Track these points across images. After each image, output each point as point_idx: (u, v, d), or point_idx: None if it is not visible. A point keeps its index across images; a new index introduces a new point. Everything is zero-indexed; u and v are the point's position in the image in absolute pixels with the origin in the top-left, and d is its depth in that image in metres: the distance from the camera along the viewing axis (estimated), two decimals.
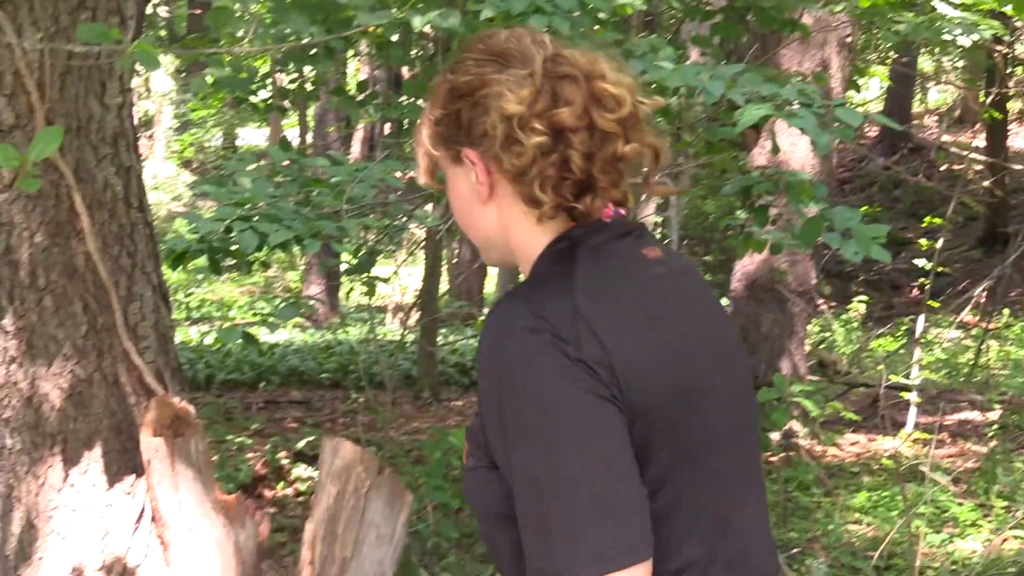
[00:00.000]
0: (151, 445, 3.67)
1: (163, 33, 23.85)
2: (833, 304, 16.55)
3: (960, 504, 7.78)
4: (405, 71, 14.40)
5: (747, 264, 10.52)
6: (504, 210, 2.00)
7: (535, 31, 2.02)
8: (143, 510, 3.73)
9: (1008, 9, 6.88)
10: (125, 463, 3.76)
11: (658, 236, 13.10)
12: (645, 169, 1.99)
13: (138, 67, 2.90)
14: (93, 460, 3.71)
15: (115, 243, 3.78)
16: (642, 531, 1.74)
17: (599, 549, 1.71)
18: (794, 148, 9.50)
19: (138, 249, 3.85)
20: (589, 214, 1.93)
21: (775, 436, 8.98)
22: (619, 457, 1.76)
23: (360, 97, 8.28)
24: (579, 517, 1.71)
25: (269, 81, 8.51)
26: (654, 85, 5.89)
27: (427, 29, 7.78)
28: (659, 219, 13.79)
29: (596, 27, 6.23)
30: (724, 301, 18.11)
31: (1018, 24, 12.41)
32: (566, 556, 1.71)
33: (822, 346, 14.02)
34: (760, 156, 9.66)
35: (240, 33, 6.90)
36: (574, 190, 1.90)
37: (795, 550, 7.06)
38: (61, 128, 2.78)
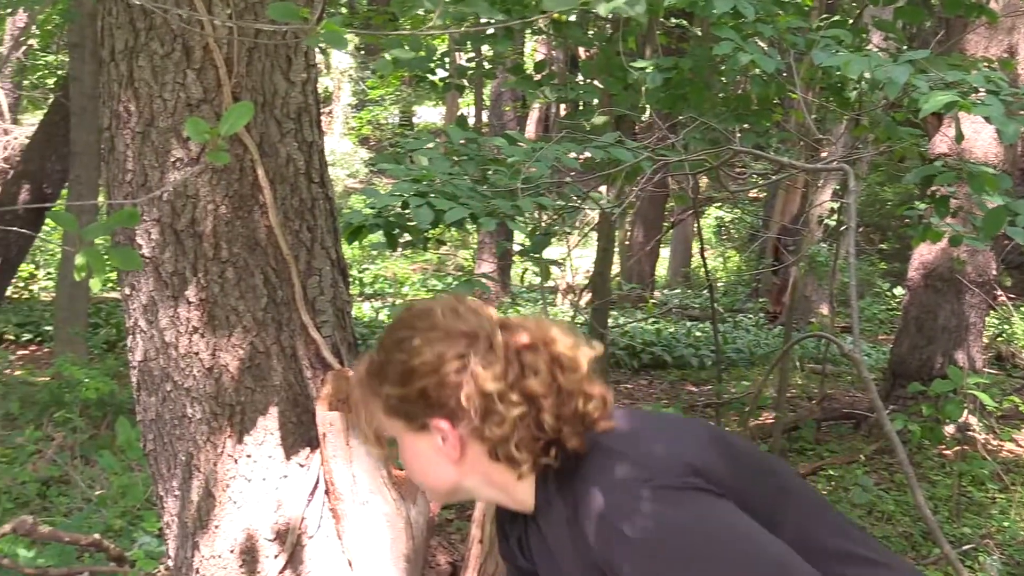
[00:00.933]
0: (326, 419, 3.72)
1: (344, 10, 24.14)
2: (1013, 296, 16.12)
3: None
4: (582, 51, 14.36)
5: (925, 253, 10.29)
6: (477, 465, 2.17)
7: (464, 300, 2.22)
8: (317, 482, 3.77)
9: None
10: (300, 435, 3.81)
11: (834, 222, 12.89)
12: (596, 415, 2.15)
13: (322, 44, 2.92)
14: (269, 431, 3.77)
15: (296, 217, 3.82)
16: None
17: None
18: (977, 136, 9.25)
19: (318, 224, 3.89)
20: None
21: (949, 429, 8.79)
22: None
23: (537, 77, 8.28)
24: None
25: (447, 60, 8.55)
26: (836, 73, 5.79)
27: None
28: (835, 205, 13.57)
29: (778, 12, 6.15)
30: (899, 290, 17.76)
31: None
32: None
33: (1000, 339, 13.68)
34: (941, 143, 9.43)
35: (422, 12, 6.94)
36: (545, 447, 2.11)
37: (968, 546, 6.91)
38: (251, 103, 2.81)
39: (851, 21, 7.70)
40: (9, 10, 6.17)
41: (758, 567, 1.97)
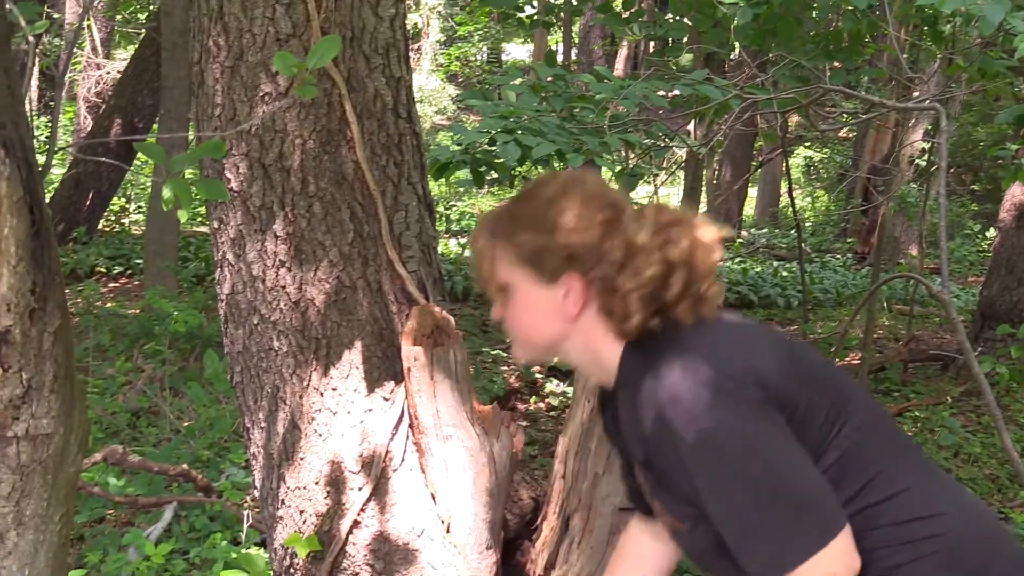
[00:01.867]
0: (411, 353, 3.74)
1: None
2: None
3: None
4: None
5: (1018, 195, 10.15)
6: (585, 326, 2.36)
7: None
8: (402, 416, 3.80)
9: None
10: (385, 370, 3.83)
11: (925, 163, 12.71)
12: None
13: None
14: (355, 365, 3.79)
15: (383, 153, 3.83)
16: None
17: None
18: None
19: (405, 159, 3.90)
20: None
21: None
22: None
23: (626, 14, 8.22)
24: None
25: None
26: (929, 8, 5.69)
27: None
28: (926, 145, 13.37)
29: None
30: (991, 232, 17.48)
31: None
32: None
33: None
34: None
35: None
36: (654, 314, 2.30)
37: None
38: (339, 37, 2.81)
39: None
40: None
41: (778, 499, 2.13)
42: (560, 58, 20.85)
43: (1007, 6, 4.66)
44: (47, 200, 5.39)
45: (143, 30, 15.66)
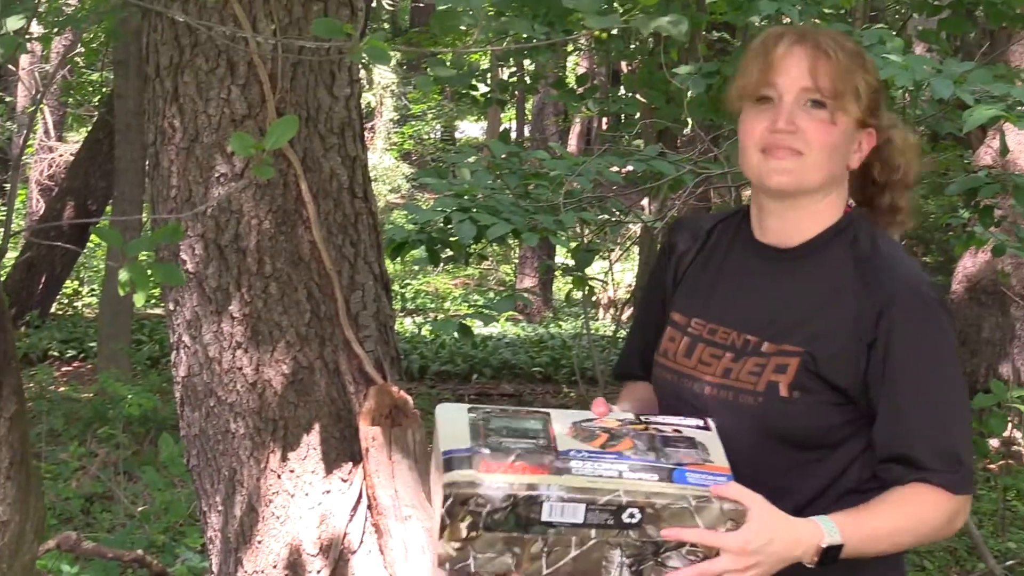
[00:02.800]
0: (369, 433, 3.71)
1: (386, 26, 24.23)
2: None
3: None
4: (624, 64, 14.36)
5: (969, 266, 10.24)
6: (845, 182, 2.42)
7: None
8: (360, 497, 3.77)
9: None
10: (343, 451, 3.81)
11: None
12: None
13: (365, 59, 2.92)
14: (312, 447, 3.77)
15: (339, 232, 3.83)
16: None
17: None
18: (1021, 148, 9.20)
19: (361, 239, 3.89)
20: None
21: (994, 443, 8.71)
22: None
23: (579, 91, 8.29)
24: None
25: (489, 75, 8.56)
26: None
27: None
28: None
29: (817, 20, 6.13)
30: None
31: None
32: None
33: None
34: (986, 155, 9.37)
35: (463, 28, 6.95)
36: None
37: (1012, 561, 6.84)
38: (296, 117, 2.81)
39: (895, 33, 7.68)
40: (56, 29, 6.22)
41: (967, 415, 2.40)
42: (514, 135, 20.97)
43: (954, 79, 4.72)
44: (0, 284, 5.35)
45: (96, 113, 15.66)
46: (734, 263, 2.47)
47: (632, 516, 2.14)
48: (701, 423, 2.30)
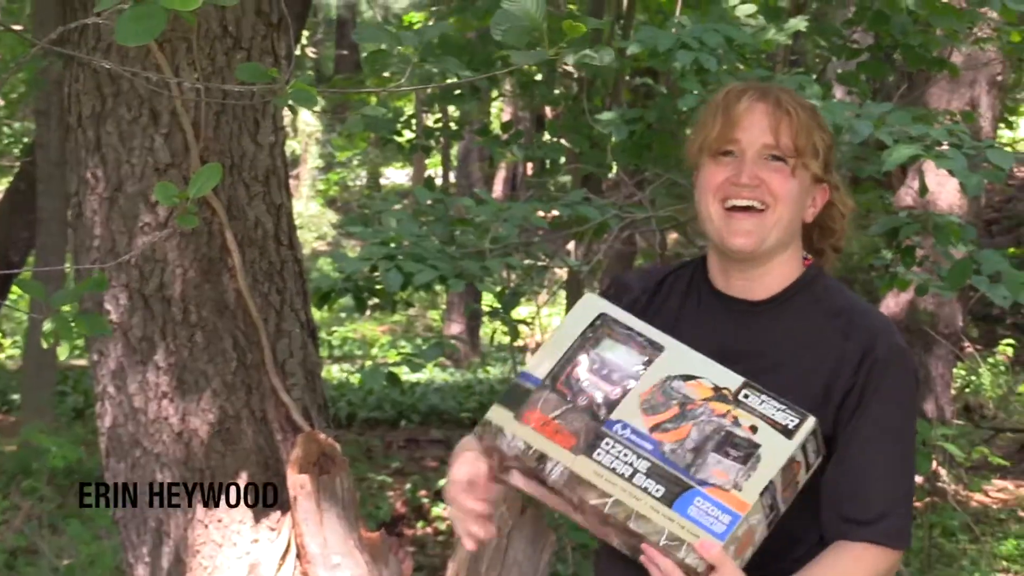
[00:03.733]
0: (297, 482, 3.69)
1: (311, 73, 24.21)
2: (980, 347, 16.18)
3: None
4: (548, 110, 14.43)
5: (892, 306, 10.36)
6: (797, 234, 2.43)
7: None
8: (288, 546, 3.75)
9: None
10: (271, 500, 3.79)
11: None
12: None
13: (291, 103, 2.93)
14: (240, 496, 3.74)
15: (265, 280, 3.82)
16: None
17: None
18: (941, 188, 9.33)
19: (287, 286, 3.89)
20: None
21: (919, 480, 8.80)
22: None
23: (504, 137, 8.32)
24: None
25: (414, 121, 8.59)
26: None
27: (571, 69, 7.78)
28: None
29: (741, 66, 6.19)
30: None
31: None
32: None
33: (968, 390, 13.72)
34: (907, 196, 9.50)
35: (387, 74, 6.97)
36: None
37: None
38: (220, 165, 2.81)
39: (815, 76, 7.77)
40: None
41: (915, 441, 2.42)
42: (439, 181, 21.00)
43: (873, 121, 4.79)
44: None
45: (18, 163, 15.52)
46: (696, 313, 2.46)
47: (614, 520, 2.16)
48: (797, 420, 2.20)
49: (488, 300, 7.13)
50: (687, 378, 2.26)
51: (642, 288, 2.52)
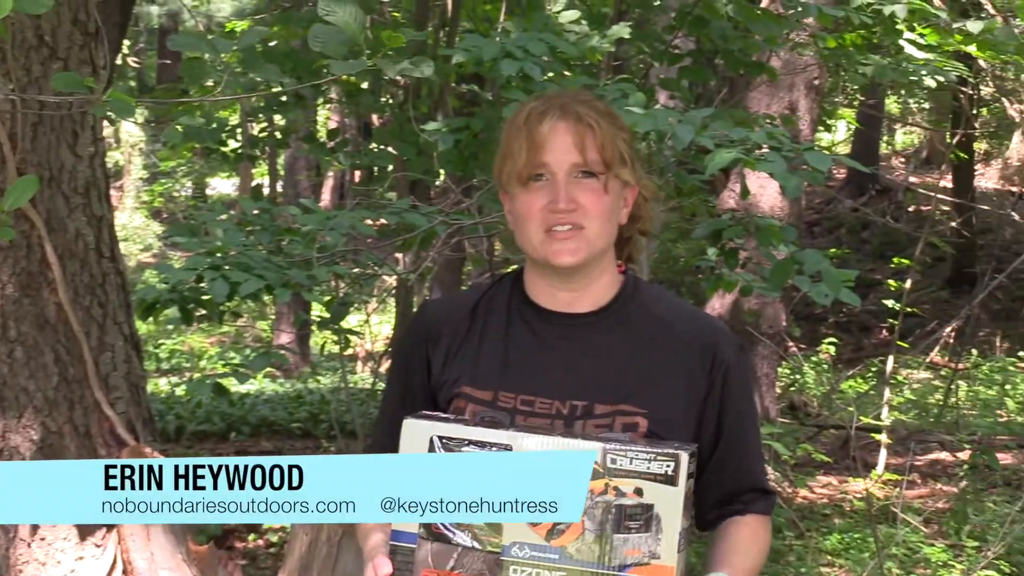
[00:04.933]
0: None
1: (133, 83, 23.84)
2: (803, 346, 16.55)
3: (932, 545, 7.78)
4: (375, 118, 14.42)
5: (717, 307, 10.52)
6: (614, 238, 2.43)
7: None
8: (115, 563, 3.70)
9: (972, 50, 6.93)
10: None
11: None
12: None
13: (109, 113, 2.89)
14: None
15: (87, 293, 3.77)
16: None
17: None
18: (763, 191, 9.52)
19: (109, 299, 3.84)
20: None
21: None
22: None
23: (330, 145, 8.29)
24: None
25: (239, 130, 8.50)
26: None
27: (398, 77, 7.78)
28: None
29: (566, 72, 6.26)
30: None
31: (983, 65, 12.51)
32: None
33: (793, 389, 14.01)
34: (730, 199, 9.67)
35: (211, 83, 6.90)
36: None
37: None
38: (36, 177, 2.77)
39: (639, 80, 7.89)
40: None
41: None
42: (267, 191, 20.82)
43: (696, 125, 4.86)
44: None
45: None
46: (522, 333, 2.45)
47: None
48: (672, 463, 2.14)
49: (317, 310, 7.09)
50: None
51: (458, 317, 2.50)
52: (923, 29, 6.94)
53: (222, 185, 30.75)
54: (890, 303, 10.84)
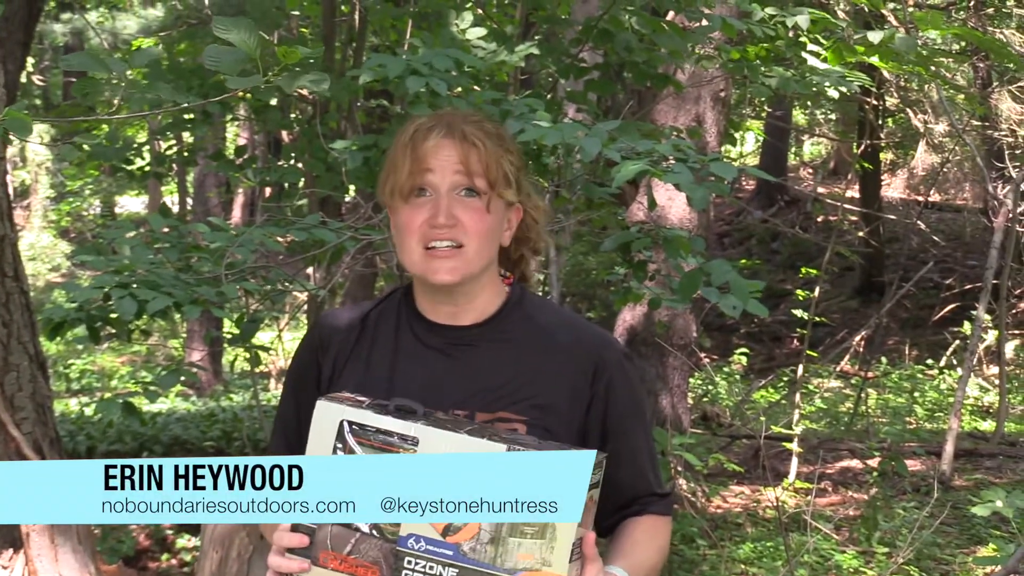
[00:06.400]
0: None
1: (38, 101, 23.58)
2: (715, 357, 16.69)
3: (843, 552, 7.88)
4: (284, 135, 14.37)
5: (629, 319, 10.58)
6: (495, 257, 2.47)
7: None
8: None
9: (875, 61, 7.03)
10: (3, 537, 3.70)
11: (540, 292, 13.09)
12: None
13: (12, 135, 2.87)
14: None
15: None
16: None
17: None
18: (672, 203, 9.59)
19: (14, 319, 3.80)
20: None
21: None
22: None
23: (238, 161, 8.25)
24: None
25: (146, 148, 8.44)
26: (533, 144, 5.95)
27: (305, 92, 7.78)
28: (540, 276, 13.83)
29: (475, 87, 6.28)
30: None
31: (887, 76, 12.69)
32: None
33: (705, 399, 14.12)
34: (639, 211, 9.72)
35: (116, 101, 6.85)
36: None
37: None
38: None
39: (547, 95, 7.92)
40: None
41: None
42: (176, 208, 20.69)
43: (603, 138, 4.89)
44: None
45: None
46: (410, 344, 2.49)
47: None
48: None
49: (228, 327, 7.06)
50: None
51: (348, 327, 2.55)
52: (825, 43, 7.03)
53: (131, 203, 30.50)
54: (800, 313, 10.96)
